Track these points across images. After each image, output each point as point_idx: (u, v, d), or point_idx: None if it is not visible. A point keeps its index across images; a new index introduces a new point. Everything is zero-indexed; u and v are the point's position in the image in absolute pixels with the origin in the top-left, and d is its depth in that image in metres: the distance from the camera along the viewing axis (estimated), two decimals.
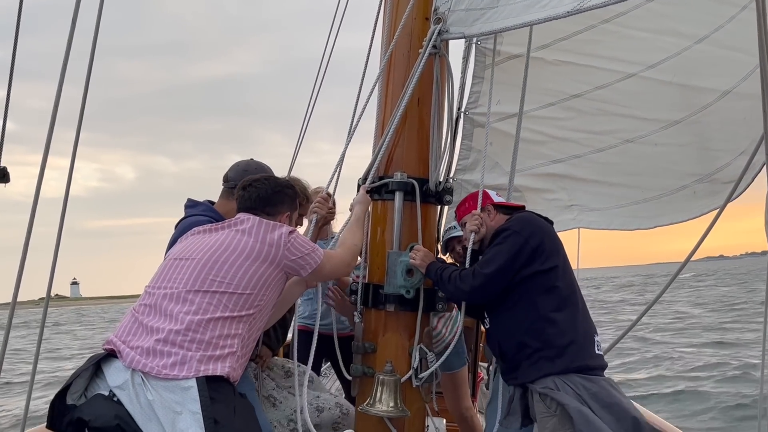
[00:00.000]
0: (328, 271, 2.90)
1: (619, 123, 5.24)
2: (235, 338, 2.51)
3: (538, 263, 3.02)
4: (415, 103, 3.23)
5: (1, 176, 3.15)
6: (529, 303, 3.02)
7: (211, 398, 2.33)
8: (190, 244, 2.70)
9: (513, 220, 3.18)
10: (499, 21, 2.95)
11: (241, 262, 2.59)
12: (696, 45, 4.80)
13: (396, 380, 3.00)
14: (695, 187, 4.96)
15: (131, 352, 2.39)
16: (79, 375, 2.43)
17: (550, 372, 2.93)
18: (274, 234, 2.68)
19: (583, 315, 3.06)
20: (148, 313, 2.51)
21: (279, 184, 2.93)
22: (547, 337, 2.97)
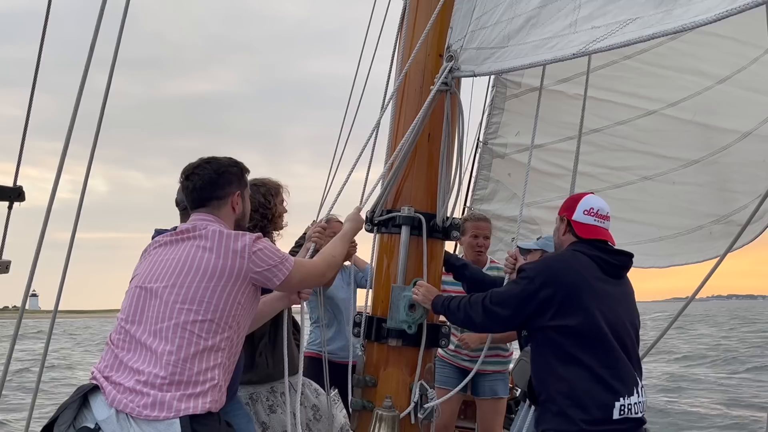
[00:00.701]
0: (297, 282, 2.77)
1: (638, 159, 5.23)
2: (215, 369, 2.46)
3: (548, 317, 2.85)
4: (426, 138, 3.25)
5: (17, 195, 3.23)
6: (541, 353, 2.93)
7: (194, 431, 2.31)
8: (153, 265, 2.58)
9: (538, 262, 3.12)
10: (508, 60, 2.97)
11: (206, 283, 2.48)
12: (718, 85, 4.79)
13: (395, 416, 3.00)
14: (712, 227, 4.92)
15: (113, 390, 2.37)
16: (66, 407, 2.42)
17: (551, 428, 2.84)
18: (237, 245, 2.54)
19: (600, 379, 2.78)
20: (127, 350, 2.45)
21: (221, 165, 2.74)
22: (551, 392, 2.85)
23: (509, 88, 5.82)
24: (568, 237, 3.11)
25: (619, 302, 2.96)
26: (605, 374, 2.79)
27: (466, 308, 3.01)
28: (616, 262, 3.03)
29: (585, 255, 2.97)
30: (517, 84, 5.75)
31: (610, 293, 2.94)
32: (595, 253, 2.99)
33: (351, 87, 3.37)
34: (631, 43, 2.54)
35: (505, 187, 5.96)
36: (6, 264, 3.16)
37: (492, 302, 2.95)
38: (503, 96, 5.84)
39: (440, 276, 3.37)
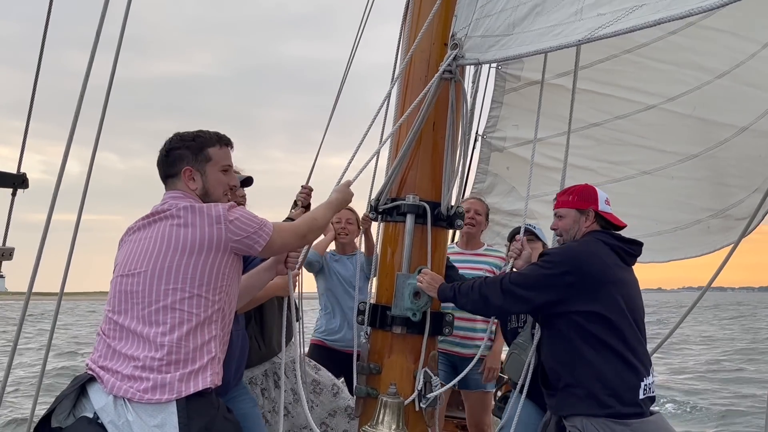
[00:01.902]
0: (279, 245, 2.73)
1: (637, 154, 5.24)
2: (211, 342, 2.46)
3: (573, 303, 2.95)
4: (431, 126, 3.25)
5: (21, 182, 3.21)
6: (565, 338, 2.99)
7: (190, 417, 2.31)
8: (131, 252, 2.54)
9: (563, 248, 3.17)
10: (513, 48, 2.97)
11: (188, 260, 2.45)
12: (717, 80, 4.81)
13: (399, 403, 3.00)
14: (709, 222, 4.95)
15: (111, 378, 2.36)
16: (64, 398, 2.41)
17: (578, 412, 2.92)
18: (212, 215, 2.51)
19: (626, 361, 2.92)
20: (119, 339, 2.43)
21: (174, 141, 2.71)
22: (578, 376, 2.94)
23: (508, 81, 5.82)
24: (593, 227, 3.21)
25: (634, 289, 3.12)
26: (630, 357, 2.94)
27: (482, 289, 3.05)
28: (631, 251, 3.17)
29: (605, 244, 3.10)
30: (517, 77, 5.75)
31: (627, 280, 3.10)
32: (614, 242, 3.13)
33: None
34: (637, 29, 2.54)
35: (503, 180, 5.97)
36: (10, 251, 3.14)
37: (513, 283, 3.00)
38: (502, 89, 5.85)
39: (444, 264, 3.37)
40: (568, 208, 3.24)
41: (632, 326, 3.00)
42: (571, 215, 3.23)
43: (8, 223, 3.16)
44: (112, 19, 3.15)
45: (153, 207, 2.66)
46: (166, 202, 2.62)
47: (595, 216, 3.23)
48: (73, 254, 3.09)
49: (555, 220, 3.30)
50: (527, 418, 3.36)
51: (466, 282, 3.16)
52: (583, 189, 3.31)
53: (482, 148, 6.00)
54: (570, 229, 3.22)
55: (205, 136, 2.73)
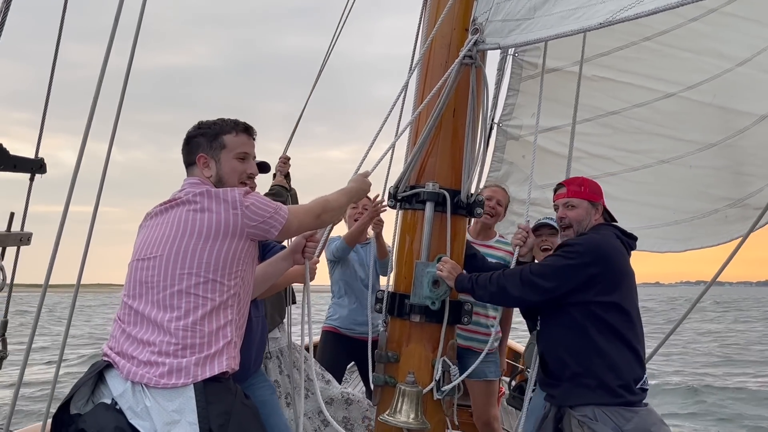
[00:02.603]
0: (295, 228, 2.71)
1: (656, 143, 5.18)
2: (227, 327, 2.46)
3: (593, 293, 2.95)
4: (451, 113, 3.21)
5: (39, 167, 3.19)
6: (579, 327, 2.98)
7: (208, 402, 2.30)
8: (148, 238, 2.55)
9: (585, 239, 3.14)
10: (534, 32, 2.93)
11: (203, 244, 2.45)
12: (737, 67, 4.73)
13: (418, 392, 2.98)
14: (727, 211, 4.89)
15: (127, 364, 2.36)
16: (82, 385, 2.42)
17: (590, 402, 2.91)
18: (227, 200, 2.51)
19: (636, 353, 2.97)
20: (134, 324, 2.44)
21: (193, 130, 2.74)
22: (590, 366, 2.94)
23: (525, 69, 5.76)
24: (600, 221, 3.24)
25: (635, 281, 3.14)
26: (638, 349, 2.99)
27: (500, 281, 3.04)
28: (630, 244, 3.22)
29: (616, 237, 3.14)
30: (534, 65, 5.69)
31: (633, 273, 3.14)
32: (621, 236, 3.17)
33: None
34: (659, 11, 2.50)
35: (519, 169, 5.91)
36: (28, 236, 3.13)
37: (533, 273, 2.99)
38: (519, 77, 5.79)
39: (463, 253, 3.34)
40: (581, 198, 3.21)
41: (640, 317, 3.06)
42: (584, 206, 3.21)
43: (26, 208, 3.15)
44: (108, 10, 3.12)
45: (172, 193, 2.66)
46: (183, 188, 2.63)
47: (603, 210, 3.28)
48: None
49: (563, 210, 3.24)
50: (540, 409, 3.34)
51: (483, 274, 3.12)
52: (592, 182, 3.33)
53: (498, 137, 5.95)
54: (583, 220, 3.20)
55: (222, 123, 2.73)
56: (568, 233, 3.24)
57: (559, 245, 3.20)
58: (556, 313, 3.07)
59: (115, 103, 2.99)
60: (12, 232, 3.09)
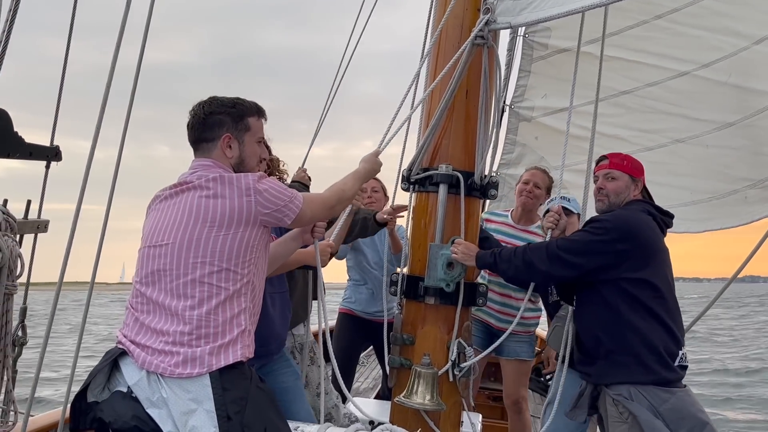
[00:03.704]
0: (309, 217, 2.69)
1: (670, 122, 5.14)
2: (240, 315, 2.43)
3: (623, 269, 2.96)
4: (463, 94, 3.19)
5: (54, 154, 3.21)
6: (611, 305, 3.00)
7: (225, 389, 2.30)
8: (158, 223, 2.50)
9: (613, 215, 3.15)
10: (545, 10, 2.90)
11: (216, 232, 2.40)
12: (754, 46, 4.67)
13: (434, 373, 2.99)
14: (747, 192, 4.84)
15: (141, 353, 2.35)
16: (98, 372, 2.41)
17: (625, 380, 2.93)
18: (241, 187, 2.45)
19: (669, 329, 2.96)
20: (147, 312, 2.42)
21: (215, 104, 2.63)
22: (625, 343, 2.95)
23: (536, 50, 5.72)
24: (638, 197, 3.27)
25: (669, 257, 3.14)
26: (672, 325, 2.97)
27: (526, 255, 3.04)
28: (666, 222, 3.22)
29: (648, 214, 3.15)
30: (544, 46, 5.65)
31: (666, 249, 3.13)
32: (654, 212, 3.18)
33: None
34: None
35: (532, 150, 5.89)
36: (45, 223, 3.15)
37: (561, 248, 3.00)
38: (530, 58, 5.75)
39: (477, 235, 3.33)
40: (623, 171, 3.24)
41: (673, 294, 3.04)
42: (625, 179, 3.25)
43: (42, 196, 3.17)
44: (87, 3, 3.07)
45: (181, 175, 2.61)
46: (195, 171, 2.56)
47: (643, 188, 3.31)
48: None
49: (602, 180, 3.27)
50: (573, 389, 3.35)
51: (505, 249, 3.14)
52: (634, 159, 3.36)
53: (510, 118, 5.92)
54: (621, 192, 3.23)
55: (246, 105, 2.68)
56: (603, 201, 3.27)
57: (587, 221, 3.20)
58: (588, 290, 3.09)
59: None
60: (29, 219, 3.10)
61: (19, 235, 3.01)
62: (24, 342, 3.08)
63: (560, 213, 3.50)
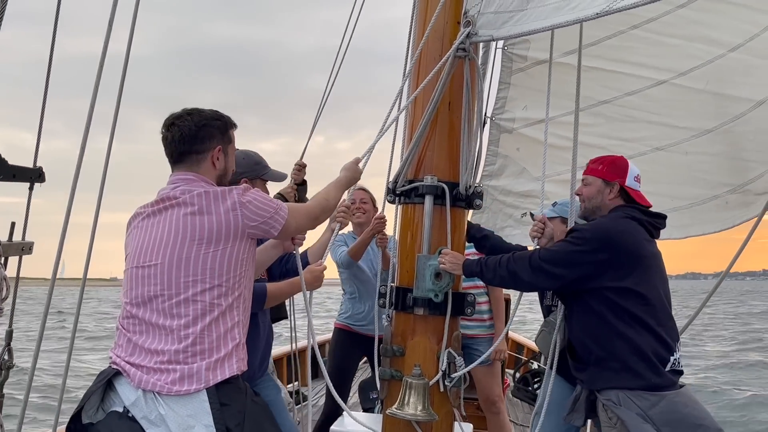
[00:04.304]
0: (294, 228, 2.70)
1: (649, 130, 5.20)
2: (234, 329, 2.43)
3: (606, 279, 2.97)
4: (446, 106, 3.23)
5: (38, 176, 3.19)
6: (597, 313, 3.01)
7: (222, 404, 2.30)
8: (145, 242, 2.47)
9: (593, 224, 3.17)
10: (527, 24, 2.93)
11: (206, 250, 2.39)
12: (730, 53, 4.75)
13: (424, 384, 2.99)
14: (727, 197, 4.90)
15: (137, 372, 2.34)
16: (92, 393, 2.39)
17: (614, 386, 2.94)
18: (227, 203, 2.43)
19: (657, 335, 2.96)
20: (140, 333, 2.40)
21: (204, 117, 2.60)
22: (613, 350, 2.96)
23: (515, 62, 5.77)
24: (616, 201, 3.25)
25: (661, 262, 3.16)
26: (661, 331, 2.97)
27: (510, 264, 3.05)
28: (657, 225, 3.22)
29: (634, 219, 3.13)
30: (523, 57, 5.71)
31: (655, 254, 3.13)
32: (642, 217, 3.17)
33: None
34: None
35: (513, 162, 5.92)
36: (29, 245, 3.13)
37: (543, 259, 3.00)
38: (509, 70, 5.80)
39: (464, 245, 3.36)
40: (595, 176, 3.28)
41: (662, 300, 3.04)
42: (597, 184, 3.26)
43: (26, 218, 3.15)
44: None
45: (161, 190, 2.57)
46: (177, 185, 2.53)
47: (620, 190, 3.25)
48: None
49: (580, 186, 3.32)
50: (560, 397, 3.36)
51: (491, 257, 3.16)
52: (615, 160, 3.35)
53: (491, 130, 5.96)
54: (593, 197, 3.24)
55: (226, 117, 2.69)
56: (582, 207, 3.34)
57: (569, 231, 3.23)
58: (576, 299, 3.12)
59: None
60: (14, 241, 3.08)
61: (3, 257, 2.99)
62: (11, 365, 3.05)
63: (545, 222, 3.52)
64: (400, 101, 3.23)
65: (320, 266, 3.22)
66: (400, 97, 3.23)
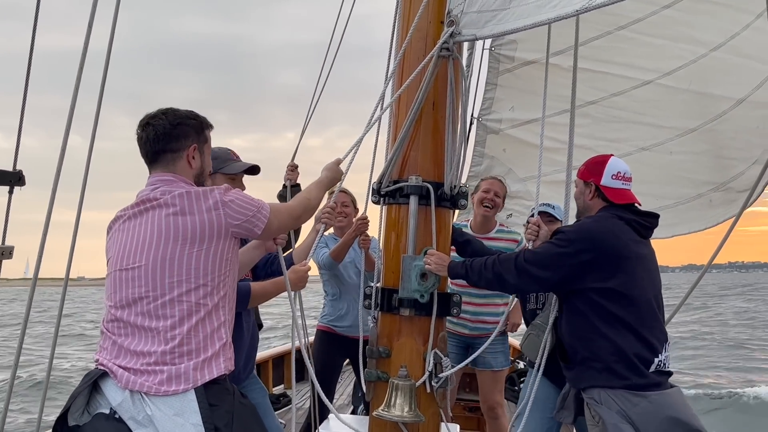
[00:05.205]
0: (276, 227, 2.68)
1: (635, 130, 5.22)
2: (221, 329, 2.43)
3: (589, 280, 2.96)
4: (430, 106, 3.22)
5: (17, 179, 3.15)
6: (582, 313, 3.01)
7: (211, 405, 2.29)
8: (127, 245, 2.45)
9: (577, 225, 3.17)
10: (510, 22, 2.94)
11: (189, 250, 2.38)
12: (712, 52, 4.79)
13: (411, 385, 2.98)
14: (711, 195, 4.94)
15: (125, 373, 2.32)
16: (77, 395, 2.36)
17: (596, 384, 2.94)
18: (209, 202, 2.43)
19: (640, 336, 2.94)
20: (126, 335, 2.37)
21: (179, 116, 2.59)
22: (594, 349, 2.96)
23: (502, 62, 5.78)
24: (597, 202, 3.23)
25: (651, 263, 3.13)
26: (645, 332, 2.94)
27: (495, 267, 3.05)
28: (647, 224, 3.19)
29: (620, 219, 3.11)
30: (510, 58, 5.72)
31: (644, 255, 3.10)
32: (630, 217, 3.14)
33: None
34: None
35: (500, 162, 5.94)
36: (9, 249, 3.09)
37: (527, 261, 3.00)
38: (496, 71, 5.81)
39: (449, 245, 3.34)
40: (578, 178, 3.29)
41: (649, 301, 3.01)
42: (580, 186, 3.29)
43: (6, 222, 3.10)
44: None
45: (140, 192, 2.55)
46: (156, 186, 2.51)
47: (596, 190, 3.25)
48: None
49: None
50: (544, 396, 3.37)
51: (476, 260, 3.15)
52: (594, 161, 3.34)
53: (478, 131, 5.97)
54: (578, 198, 3.26)
55: (201, 117, 2.68)
56: None
57: (553, 232, 3.22)
58: (565, 300, 3.12)
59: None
60: None
61: None
62: None
63: (539, 224, 3.52)
64: (383, 101, 3.22)
65: (304, 266, 3.22)
66: (383, 97, 3.22)
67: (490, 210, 4.55)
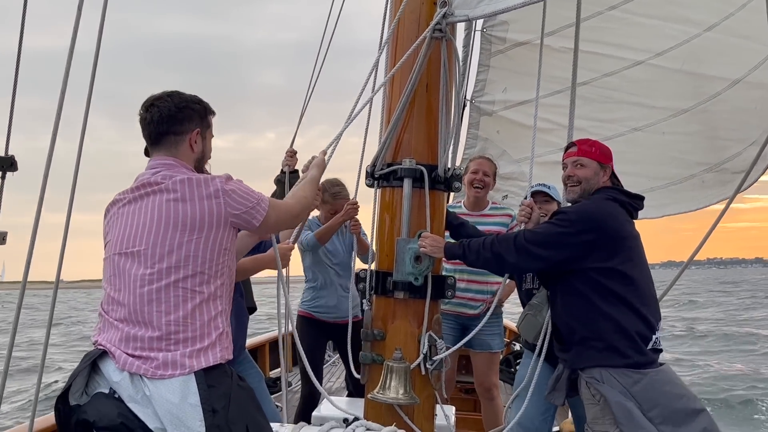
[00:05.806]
0: (273, 223, 2.65)
1: (627, 111, 5.22)
2: (218, 318, 2.42)
3: (591, 260, 2.99)
4: (424, 88, 3.20)
5: (9, 165, 3.13)
6: (582, 294, 3.03)
7: (209, 386, 2.30)
8: (126, 228, 2.44)
9: (578, 206, 3.19)
10: (502, 2, 2.93)
11: (188, 237, 2.37)
12: (706, 33, 4.76)
13: (405, 367, 2.99)
14: (704, 176, 4.94)
15: (123, 354, 2.32)
16: (77, 375, 2.36)
17: (597, 364, 2.97)
18: (210, 189, 2.42)
19: (640, 314, 2.98)
20: (123, 319, 2.37)
21: (184, 99, 2.58)
22: (598, 330, 2.99)
23: (494, 44, 5.76)
24: (608, 183, 3.29)
25: (641, 243, 3.15)
26: (644, 311, 3.00)
27: (494, 246, 3.06)
28: (636, 205, 3.25)
29: (615, 201, 3.16)
30: (502, 39, 5.69)
31: (636, 235, 3.15)
32: (623, 199, 3.20)
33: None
34: None
35: (494, 144, 5.93)
36: (3, 235, 3.07)
37: (528, 241, 3.02)
38: (488, 53, 5.79)
39: (444, 228, 3.35)
40: (591, 159, 3.27)
41: (646, 280, 3.07)
42: (593, 167, 3.27)
43: None
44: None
45: (139, 175, 2.53)
46: (158, 170, 2.49)
47: (611, 173, 3.32)
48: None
49: (572, 168, 3.30)
50: (539, 377, 3.39)
51: (473, 239, 3.16)
52: (603, 145, 3.37)
53: (471, 113, 5.96)
54: (590, 179, 3.25)
55: (205, 103, 2.66)
56: (575, 190, 3.28)
57: (553, 213, 3.23)
58: (561, 281, 3.13)
59: None
60: None
61: None
62: None
63: (532, 206, 3.53)
64: (374, 84, 3.20)
65: (288, 245, 3.22)
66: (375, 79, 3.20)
67: (481, 190, 4.55)
